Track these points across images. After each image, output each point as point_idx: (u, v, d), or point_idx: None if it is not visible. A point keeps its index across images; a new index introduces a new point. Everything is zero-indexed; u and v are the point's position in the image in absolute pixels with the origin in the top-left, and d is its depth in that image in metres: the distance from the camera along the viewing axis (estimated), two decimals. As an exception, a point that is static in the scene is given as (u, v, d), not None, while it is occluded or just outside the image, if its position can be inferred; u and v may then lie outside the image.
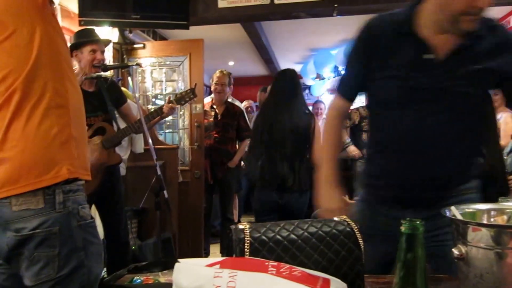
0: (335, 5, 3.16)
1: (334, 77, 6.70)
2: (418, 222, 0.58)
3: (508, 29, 4.60)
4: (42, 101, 1.15)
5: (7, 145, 1.14)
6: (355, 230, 0.78)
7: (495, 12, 4.11)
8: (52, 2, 1.31)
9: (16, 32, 1.14)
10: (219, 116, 3.82)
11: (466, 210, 0.80)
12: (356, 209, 1.38)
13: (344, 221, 0.80)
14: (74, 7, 3.00)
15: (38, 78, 1.16)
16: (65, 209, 1.16)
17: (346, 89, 1.40)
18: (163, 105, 2.69)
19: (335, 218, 0.80)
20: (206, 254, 3.90)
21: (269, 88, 4.07)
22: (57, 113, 1.18)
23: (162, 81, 3.95)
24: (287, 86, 2.74)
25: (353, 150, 4.23)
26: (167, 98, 3.75)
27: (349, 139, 4.32)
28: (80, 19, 2.96)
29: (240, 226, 0.77)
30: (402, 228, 0.58)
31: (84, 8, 2.97)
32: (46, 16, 1.20)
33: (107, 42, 2.48)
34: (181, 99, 2.71)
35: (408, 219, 0.58)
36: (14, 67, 1.14)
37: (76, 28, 2.87)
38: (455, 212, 0.76)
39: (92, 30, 2.55)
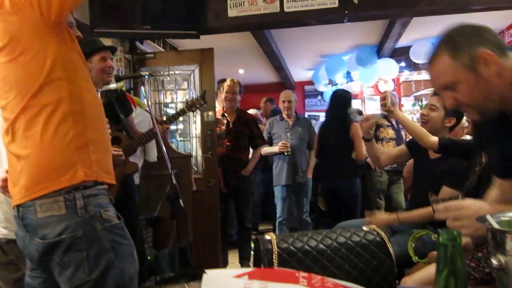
0: (346, 11, 3.15)
1: (347, 82, 6.67)
2: (456, 233, 0.56)
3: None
4: (58, 109, 1.22)
5: (26, 152, 1.21)
6: (386, 239, 0.77)
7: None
8: (70, 23, 1.38)
9: (29, 48, 1.21)
10: (231, 124, 3.82)
11: (502, 218, 0.78)
12: None
13: (373, 230, 0.78)
14: (85, 19, 3.04)
15: (53, 90, 1.22)
16: (87, 213, 1.21)
17: None
18: (173, 115, 2.72)
19: (364, 228, 0.79)
20: (225, 264, 3.87)
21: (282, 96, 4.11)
22: (73, 119, 1.24)
23: (174, 90, 3.97)
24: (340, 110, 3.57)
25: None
26: (178, 107, 3.79)
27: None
28: (92, 31, 2.99)
29: (267, 237, 0.76)
30: (441, 239, 0.56)
31: (95, 20, 3.01)
32: (59, 34, 1.26)
33: (114, 49, 2.50)
34: (192, 106, 2.72)
35: (446, 229, 0.56)
36: (29, 80, 1.21)
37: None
38: (491, 221, 0.74)
39: (97, 39, 2.57)
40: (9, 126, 1.24)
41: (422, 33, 5.07)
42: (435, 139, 2.07)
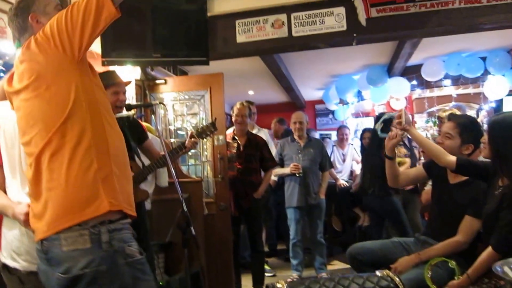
0: (354, 34, 3.16)
1: (358, 101, 6.65)
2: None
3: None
4: (81, 143, 1.26)
5: (52, 184, 1.24)
6: (400, 285, 0.74)
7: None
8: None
9: (55, 84, 1.27)
10: (241, 147, 3.82)
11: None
12: None
13: (387, 276, 0.76)
14: (97, 48, 3.10)
15: (77, 123, 1.27)
16: (111, 248, 1.22)
17: None
18: (185, 140, 2.70)
19: (378, 273, 0.76)
20: (238, 287, 3.83)
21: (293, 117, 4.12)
22: (96, 152, 1.28)
23: (184, 115, 4.00)
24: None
25: None
26: (189, 132, 3.80)
27: None
28: (103, 59, 3.05)
29: (278, 285, 0.74)
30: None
31: (107, 49, 3.06)
32: (83, 69, 1.33)
33: (128, 83, 2.55)
34: (202, 133, 2.73)
35: None
36: (54, 114, 1.26)
37: (100, 68, 2.95)
38: (507, 271, 0.70)
39: (113, 72, 2.61)
40: (34, 160, 1.27)
41: (433, 52, 5.05)
42: (452, 158, 2.02)
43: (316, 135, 6.15)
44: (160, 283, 2.99)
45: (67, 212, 1.21)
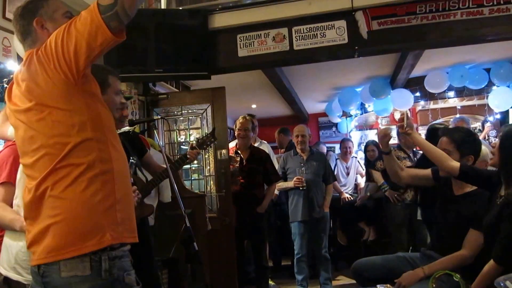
0: (356, 47, 3.16)
1: (361, 114, 6.64)
2: None
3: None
4: (88, 171, 1.22)
5: (54, 212, 1.20)
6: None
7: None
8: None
9: (57, 109, 1.22)
10: (244, 161, 3.80)
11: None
12: None
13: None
14: (100, 63, 3.12)
15: (82, 150, 1.23)
16: (110, 276, 1.20)
17: None
18: (187, 151, 2.70)
19: (379, 287, 0.73)
20: (243, 303, 3.78)
21: (295, 131, 4.10)
22: (101, 180, 1.24)
23: (187, 129, 4.00)
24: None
25: (391, 193, 4.08)
26: (190, 144, 3.80)
27: (385, 183, 4.18)
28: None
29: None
30: None
31: (109, 65, 3.06)
32: (86, 89, 1.27)
33: (130, 98, 2.55)
34: (202, 144, 2.72)
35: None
36: (58, 141, 1.22)
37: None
38: (510, 286, 0.68)
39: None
40: (35, 185, 1.23)
41: (436, 63, 5.04)
42: (456, 164, 2.01)
43: (324, 147, 6.11)
44: (164, 300, 2.95)
45: (69, 243, 1.18)
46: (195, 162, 3.86)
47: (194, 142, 2.78)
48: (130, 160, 2.49)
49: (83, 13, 1.21)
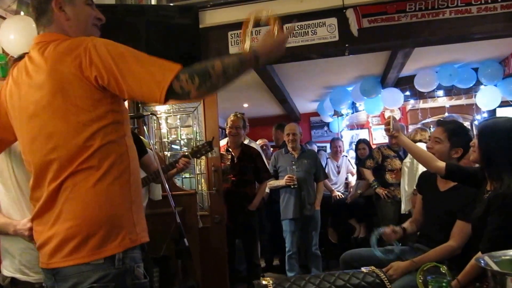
0: (346, 45, 3.18)
1: (352, 113, 6.69)
2: (445, 281, 0.53)
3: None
4: (108, 174, 1.20)
5: (73, 215, 1.17)
6: (385, 281, 0.72)
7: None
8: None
9: (83, 110, 1.18)
10: (235, 159, 3.81)
11: (503, 257, 0.73)
12: None
13: (373, 272, 0.74)
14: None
15: (104, 153, 1.20)
16: (123, 266, 1.18)
17: None
18: (179, 159, 2.65)
19: (363, 269, 0.74)
20: (234, 301, 3.77)
21: (286, 129, 4.11)
22: (120, 183, 1.22)
23: (178, 127, 3.99)
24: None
25: (381, 190, 4.16)
26: (182, 152, 3.77)
27: (375, 180, 4.25)
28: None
29: (263, 282, 0.72)
30: (430, 287, 0.53)
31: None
32: (112, 95, 1.23)
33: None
34: (197, 152, 2.67)
35: (435, 277, 0.53)
36: (80, 141, 1.18)
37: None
38: (489, 261, 0.70)
39: None
40: (56, 186, 1.19)
41: (426, 63, 5.10)
42: (442, 164, 2.05)
43: (315, 147, 6.14)
44: (155, 298, 2.93)
45: (87, 248, 1.16)
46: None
47: (187, 151, 2.74)
48: None
49: (158, 69, 1.18)
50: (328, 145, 7.17)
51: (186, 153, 2.67)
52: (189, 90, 1.17)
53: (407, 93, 5.69)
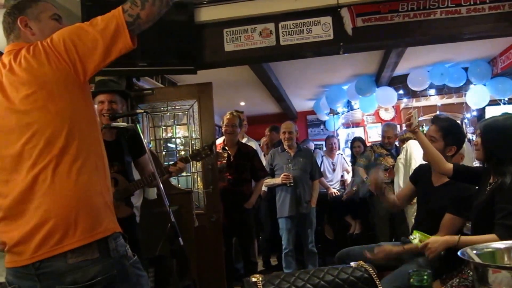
0: (341, 43, 3.20)
1: (348, 111, 6.74)
2: (426, 273, 0.55)
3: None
4: (86, 161, 1.27)
5: (53, 205, 1.20)
6: (373, 275, 0.74)
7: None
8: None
9: (61, 99, 1.25)
10: (232, 157, 3.81)
11: (485, 250, 0.76)
12: None
13: (361, 267, 0.76)
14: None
15: (78, 140, 1.26)
16: (118, 254, 1.28)
17: None
18: (176, 162, 2.61)
19: (352, 264, 0.76)
20: (231, 300, 3.78)
21: (282, 127, 4.13)
22: (97, 174, 1.30)
23: (173, 125, 3.99)
24: None
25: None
26: (178, 151, 3.74)
27: (368, 178, 4.29)
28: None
29: (253, 279, 0.73)
30: (411, 280, 0.55)
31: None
32: (85, 89, 1.34)
33: (114, 87, 2.51)
34: (197, 155, 2.64)
35: (416, 271, 0.56)
36: (58, 130, 1.24)
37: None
38: (471, 254, 0.72)
39: (106, 81, 2.59)
40: (33, 177, 1.21)
41: (418, 62, 5.16)
42: (449, 165, 2.10)
43: (312, 145, 6.18)
44: (151, 297, 2.93)
45: (78, 233, 1.20)
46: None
47: (184, 155, 2.69)
48: (125, 159, 2.44)
49: (103, 18, 1.27)
50: (323, 143, 7.23)
51: (185, 156, 2.64)
52: (137, 13, 1.27)
53: (401, 91, 5.75)
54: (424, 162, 2.35)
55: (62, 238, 1.19)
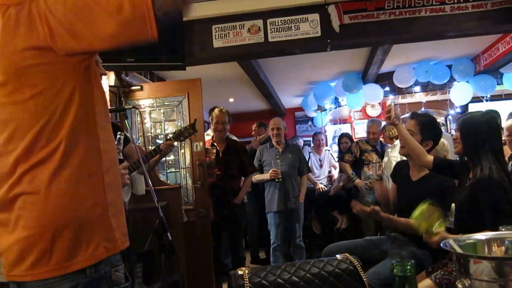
0: (328, 40, 3.23)
1: (335, 108, 6.79)
2: (409, 264, 0.58)
3: (496, 56, 4.77)
4: (78, 167, 1.02)
5: (31, 222, 1.00)
6: (358, 267, 0.77)
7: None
8: (97, 62, 1.15)
9: (43, 88, 0.99)
10: (220, 153, 3.83)
11: (467, 241, 0.79)
12: None
13: (346, 259, 0.79)
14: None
15: (70, 144, 1.02)
16: (96, 273, 1.03)
17: None
18: (161, 144, 2.66)
19: (338, 256, 0.79)
20: (220, 295, 3.81)
21: (270, 124, 4.16)
22: (90, 183, 1.04)
23: (162, 121, 3.99)
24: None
25: (359, 182, 4.32)
26: (164, 135, 3.75)
27: (353, 173, 4.39)
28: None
29: (239, 272, 0.76)
30: (395, 271, 0.58)
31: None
32: (87, 73, 1.06)
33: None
34: (180, 135, 2.67)
35: (399, 261, 0.58)
36: (39, 130, 1.00)
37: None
38: (453, 245, 0.75)
39: None
40: (9, 185, 1.00)
41: (404, 59, 5.24)
42: (430, 158, 2.18)
43: (301, 141, 6.23)
44: (139, 293, 2.94)
45: (53, 260, 0.99)
46: (171, 155, 3.86)
47: (170, 134, 2.74)
48: (118, 135, 2.42)
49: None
50: (311, 139, 7.29)
51: (169, 137, 2.66)
52: None
53: (387, 88, 5.83)
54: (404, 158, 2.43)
55: (35, 263, 0.99)
